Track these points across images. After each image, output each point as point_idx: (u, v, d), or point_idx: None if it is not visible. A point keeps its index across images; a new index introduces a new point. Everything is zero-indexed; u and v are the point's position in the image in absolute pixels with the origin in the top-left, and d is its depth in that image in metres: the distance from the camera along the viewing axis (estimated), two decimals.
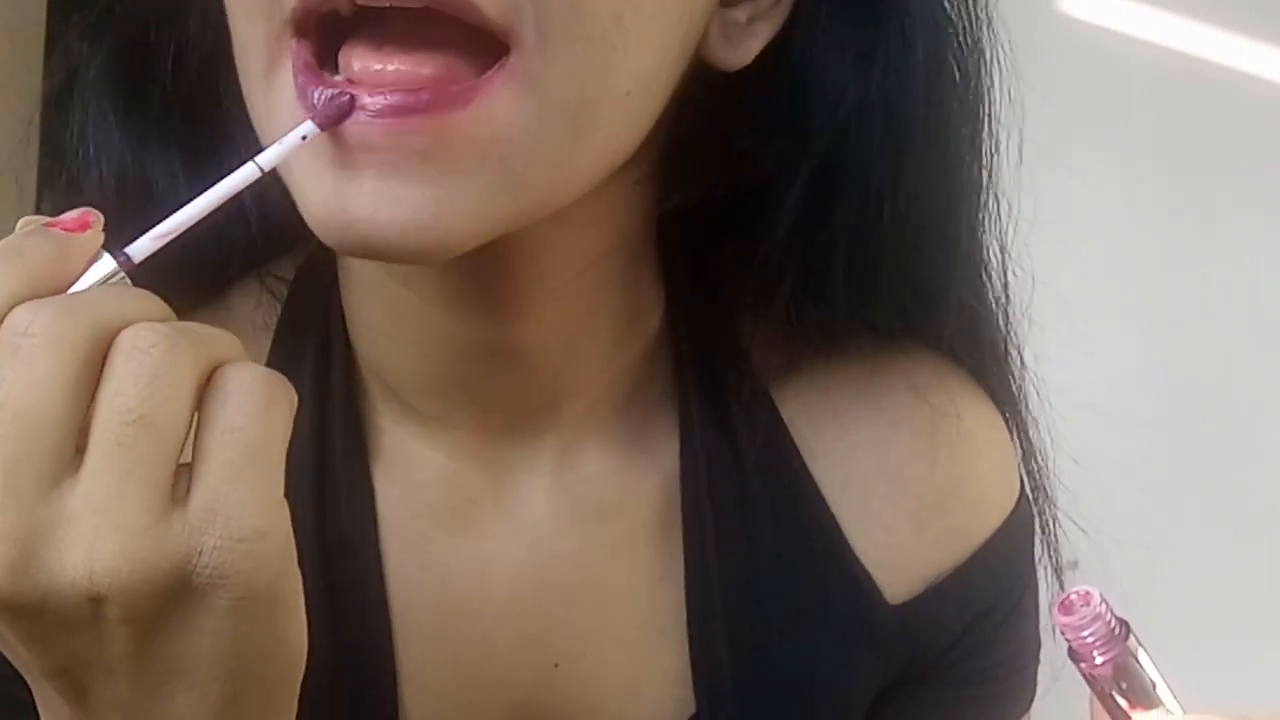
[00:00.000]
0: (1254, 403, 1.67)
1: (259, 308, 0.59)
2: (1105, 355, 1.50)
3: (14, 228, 0.66)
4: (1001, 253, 0.64)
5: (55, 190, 0.62)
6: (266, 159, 0.42)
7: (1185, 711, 0.45)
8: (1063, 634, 0.47)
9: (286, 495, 0.39)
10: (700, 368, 0.61)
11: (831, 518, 0.61)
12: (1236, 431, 1.67)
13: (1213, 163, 1.64)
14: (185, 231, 0.41)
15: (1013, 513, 0.64)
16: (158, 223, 0.40)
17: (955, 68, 0.56)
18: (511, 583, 0.59)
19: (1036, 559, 0.67)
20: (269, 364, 0.41)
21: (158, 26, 0.57)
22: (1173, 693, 0.46)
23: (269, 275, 0.60)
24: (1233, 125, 1.65)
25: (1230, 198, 1.65)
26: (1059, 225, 1.53)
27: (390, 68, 0.43)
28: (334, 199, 0.43)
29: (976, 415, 0.64)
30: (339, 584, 0.41)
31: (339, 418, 0.58)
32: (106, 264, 0.39)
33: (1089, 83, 1.62)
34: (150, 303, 0.38)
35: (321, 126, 0.42)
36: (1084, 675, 0.47)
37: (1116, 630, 0.46)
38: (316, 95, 0.42)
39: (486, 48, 0.42)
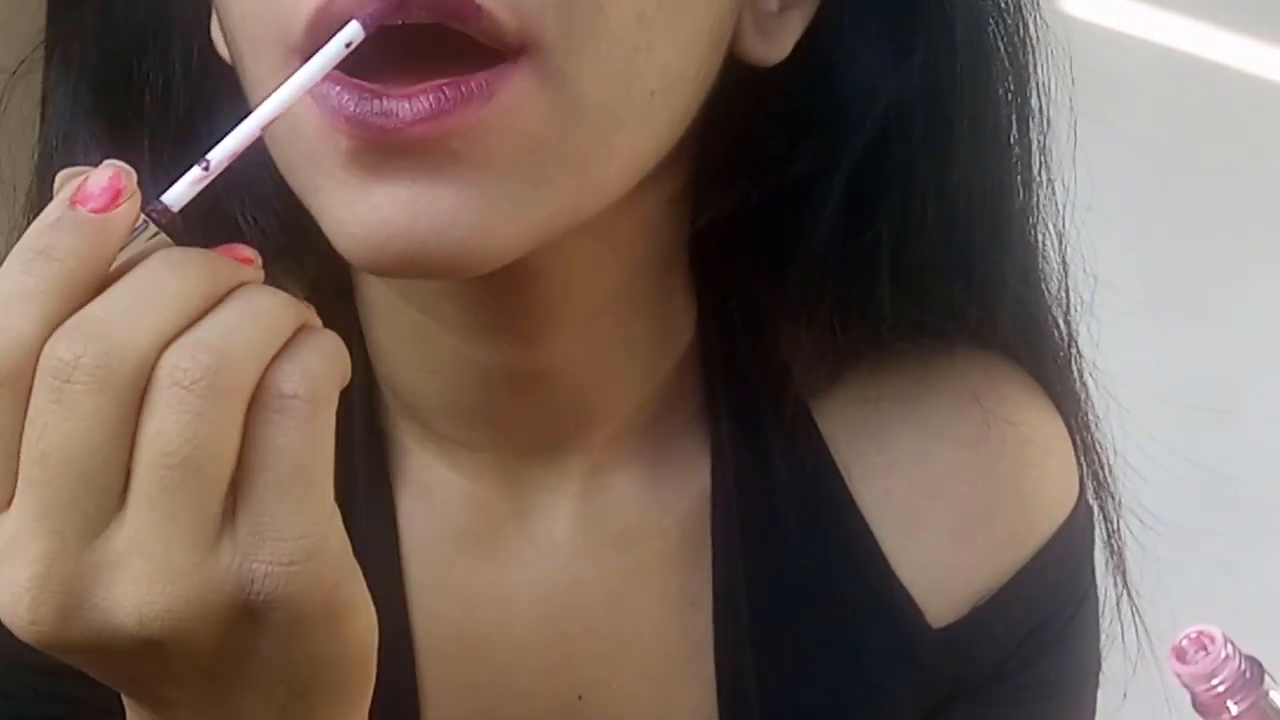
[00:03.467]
0: (1254, 402, 1.67)
1: None
2: (1103, 354, 1.49)
3: (11, 229, 0.66)
4: (1059, 240, 0.60)
5: (43, 185, 0.62)
6: (306, 76, 0.38)
7: None
8: (1185, 685, 0.41)
9: None
10: (733, 385, 0.58)
11: (871, 537, 0.57)
12: (1237, 431, 1.67)
13: (1213, 163, 1.64)
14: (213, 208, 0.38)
15: (1066, 522, 0.59)
16: (192, 163, 0.38)
17: (1000, 47, 0.53)
18: (535, 610, 0.57)
19: (1100, 569, 0.63)
20: None
21: (139, 65, 0.55)
22: None
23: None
24: (1233, 125, 1.65)
25: (1230, 197, 1.65)
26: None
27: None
28: (369, 213, 0.41)
29: (1030, 420, 0.60)
30: None
31: (360, 435, 0.56)
32: (142, 221, 0.36)
33: (1089, 82, 1.62)
34: (194, 289, 0.36)
35: (368, 26, 0.38)
36: None
37: (1249, 673, 0.41)
38: (337, 95, 0.40)
39: (492, 61, 0.41)
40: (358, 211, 0.41)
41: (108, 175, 0.36)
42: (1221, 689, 0.40)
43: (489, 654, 0.57)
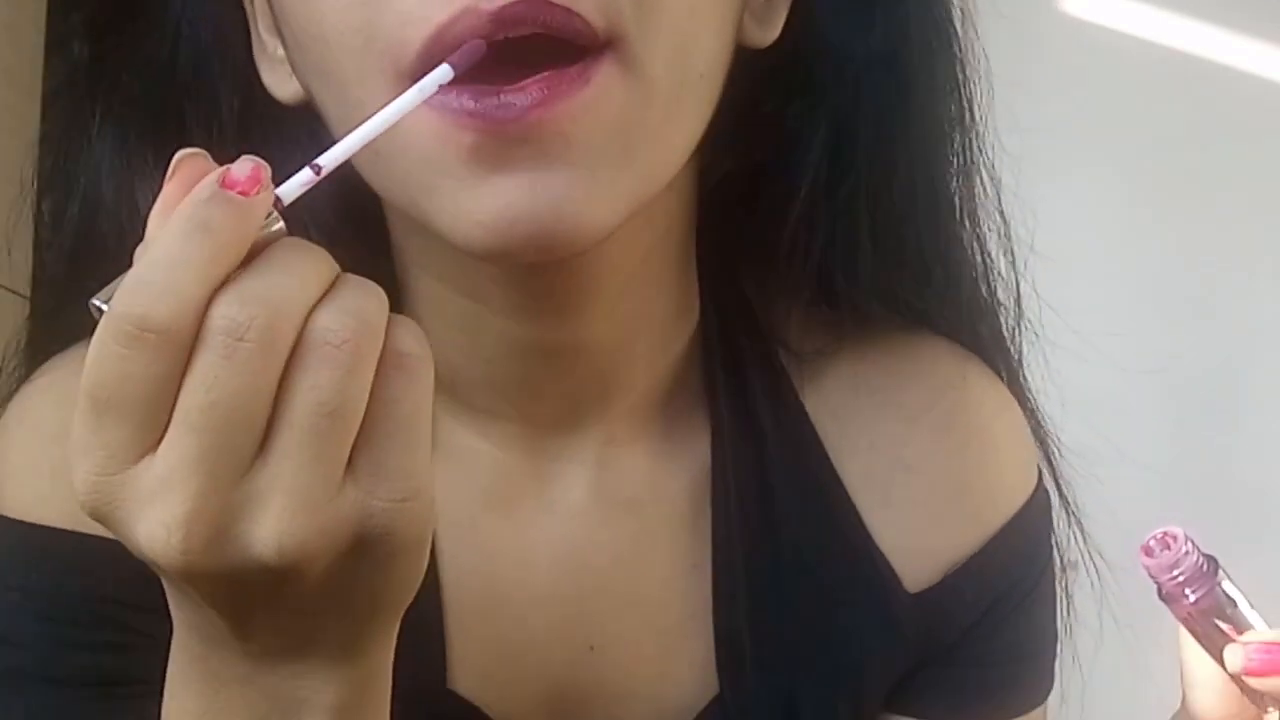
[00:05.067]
0: (1253, 402, 1.67)
1: None
2: (1103, 353, 1.49)
3: (13, 229, 0.66)
4: (1003, 220, 0.67)
5: (56, 190, 0.63)
6: (404, 103, 0.43)
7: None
8: (1151, 577, 0.48)
9: None
10: (730, 366, 0.64)
11: (853, 509, 0.63)
12: (1236, 431, 1.67)
13: (1213, 163, 1.64)
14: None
15: (1029, 499, 0.66)
16: (303, 165, 0.42)
17: (942, 23, 0.62)
18: (552, 568, 0.62)
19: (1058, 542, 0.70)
20: None
21: (188, 116, 0.59)
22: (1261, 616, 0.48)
23: None
24: (1233, 125, 1.65)
25: (1230, 197, 1.65)
26: (1058, 224, 1.54)
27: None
28: (493, 199, 0.46)
29: (994, 406, 0.67)
30: None
31: None
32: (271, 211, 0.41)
33: (1089, 82, 1.62)
34: (321, 270, 0.40)
35: (457, 68, 0.44)
36: (1177, 615, 0.48)
37: (1205, 566, 0.48)
38: (455, 98, 0.45)
39: (581, 55, 0.47)
40: (483, 201, 0.47)
41: (250, 166, 0.40)
42: (1181, 579, 0.48)
43: (509, 606, 0.62)
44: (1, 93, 0.62)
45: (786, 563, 0.63)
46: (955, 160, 0.64)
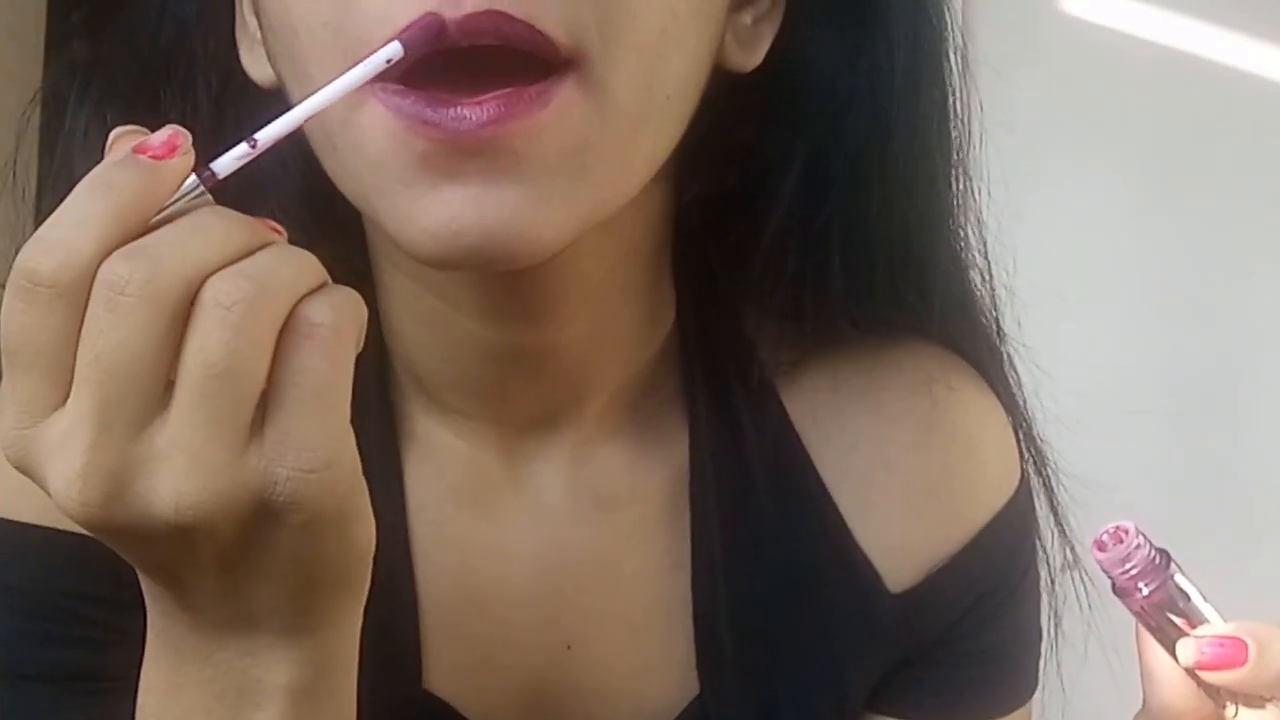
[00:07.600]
0: (1252, 401, 1.67)
1: None
2: (1105, 354, 1.49)
3: (13, 230, 0.66)
4: (982, 239, 0.67)
5: (56, 191, 0.63)
6: (349, 80, 0.44)
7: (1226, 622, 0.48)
8: (1104, 571, 0.48)
9: None
10: (708, 367, 0.64)
11: (834, 508, 0.63)
12: (1235, 430, 1.67)
13: (1213, 163, 1.64)
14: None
15: (1011, 499, 0.66)
16: (241, 140, 0.42)
17: (932, 62, 0.60)
18: (528, 567, 0.62)
19: (1043, 540, 0.69)
20: None
21: (165, 92, 0.60)
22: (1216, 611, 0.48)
23: None
24: (1233, 125, 1.65)
25: (1230, 197, 1.65)
26: (1059, 223, 1.54)
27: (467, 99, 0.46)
28: (440, 209, 0.46)
29: (975, 405, 0.66)
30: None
31: (372, 403, 0.60)
32: (190, 181, 0.41)
33: (1089, 82, 1.62)
34: (235, 235, 0.40)
35: (408, 47, 0.44)
36: (1131, 609, 0.49)
37: (1157, 560, 0.48)
38: (412, 104, 0.45)
39: (544, 73, 0.46)
40: (430, 209, 0.46)
41: (167, 133, 0.41)
42: (1134, 572, 0.48)
43: (486, 605, 0.61)
44: (1, 92, 0.62)
45: (766, 562, 0.63)
46: (937, 199, 0.63)
